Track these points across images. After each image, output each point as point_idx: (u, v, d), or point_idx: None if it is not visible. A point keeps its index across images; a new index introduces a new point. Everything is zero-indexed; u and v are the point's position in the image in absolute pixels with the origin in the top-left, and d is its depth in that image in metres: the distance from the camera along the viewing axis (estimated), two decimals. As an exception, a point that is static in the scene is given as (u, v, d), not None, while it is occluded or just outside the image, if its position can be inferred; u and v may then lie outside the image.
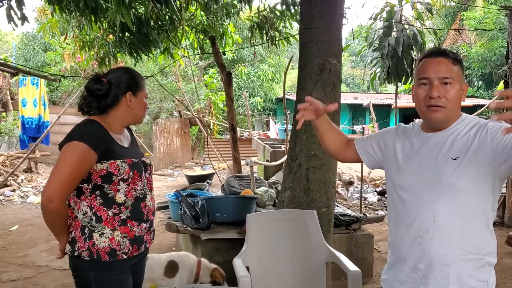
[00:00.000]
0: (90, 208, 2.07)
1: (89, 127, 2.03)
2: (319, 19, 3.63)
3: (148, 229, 2.22)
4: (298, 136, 3.66)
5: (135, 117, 2.23)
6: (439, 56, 1.77)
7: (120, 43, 6.34)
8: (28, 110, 10.47)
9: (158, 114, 18.09)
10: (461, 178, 1.69)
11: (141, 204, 2.17)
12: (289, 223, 3.19)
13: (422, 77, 1.79)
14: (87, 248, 2.04)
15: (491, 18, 19.80)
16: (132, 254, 2.13)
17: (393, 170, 1.92)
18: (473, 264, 1.71)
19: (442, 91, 1.74)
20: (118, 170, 2.06)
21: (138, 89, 2.20)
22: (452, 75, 1.74)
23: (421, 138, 1.86)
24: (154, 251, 5.65)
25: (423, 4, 8.37)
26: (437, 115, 1.75)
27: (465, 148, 1.71)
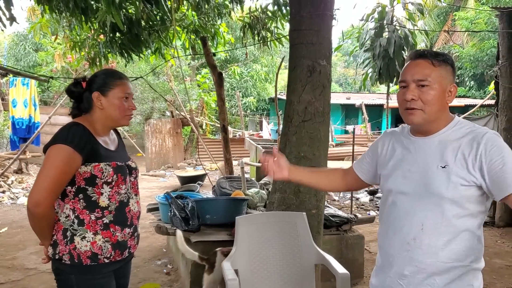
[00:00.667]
0: (73, 211, 2.05)
1: (73, 130, 2.03)
2: (309, 21, 3.62)
3: (132, 234, 2.21)
4: (288, 138, 3.65)
5: (110, 118, 2.17)
6: (418, 58, 1.76)
7: (111, 43, 6.31)
8: (19, 111, 10.38)
9: (150, 115, 18.03)
10: (449, 188, 1.66)
11: (125, 209, 2.16)
12: (279, 225, 3.17)
13: (400, 79, 1.80)
14: (68, 252, 2.03)
15: (482, 19, 19.90)
16: (114, 258, 2.11)
17: (384, 175, 1.92)
18: (459, 271, 1.71)
19: (417, 93, 1.72)
20: (102, 173, 2.05)
21: (108, 89, 2.14)
22: (430, 77, 1.71)
23: (410, 143, 1.84)
24: (145, 253, 5.64)
25: (415, 5, 8.41)
26: (413, 118, 1.74)
27: (456, 157, 1.68)
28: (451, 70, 1.77)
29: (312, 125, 3.58)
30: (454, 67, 1.79)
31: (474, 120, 18.33)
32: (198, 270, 4.06)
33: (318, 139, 3.60)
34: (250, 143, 10.48)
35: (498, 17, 7.58)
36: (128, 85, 2.21)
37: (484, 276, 5.03)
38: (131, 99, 2.23)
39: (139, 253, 5.58)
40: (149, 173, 14.22)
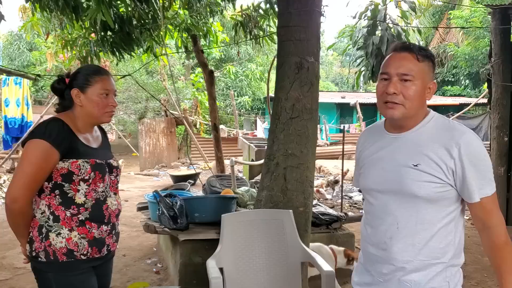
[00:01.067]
0: (48, 207, 2.03)
1: (51, 125, 2.01)
2: (297, 17, 3.59)
3: (110, 232, 2.17)
4: (276, 135, 3.62)
5: (90, 115, 2.13)
6: (403, 51, 1.70)
7: (102, 42, 6.27)
8: (11, 110, 10.35)
9: (144, 114, 17.99)
10: (422, 187, 1.64)
11: (102, 206, 2.12)
12: (265, 223, 3.15)
13: (382, 71, 1.72)
14: (43, 249, 2.00)
15: (477, 17, 19.93)
16: (92, 255, 2.09)
17: (361, 173, 1.89)
18: (437, 268, 1.69)
19: (399, 87, 1.66)
20: (79, 170, 2.02)
21: (87, 86, 2.10)
22: (413, 72, 1.66)
23: (385, 140, 1.81)
24: (135, 252, 5.61)
25: (407, 3, 8.38)
26: (392, 112, 1.69)
27: (428, 156, 1.65)
28: (432, 67, 1.73)
29: (300, 122, 3.55)
30: (434, 64, 1.75)
31: (469, 119, 18.46)
32: (187, 269, 4.04)
33: (306, 136, 3.57)
34: (243, 142, 10.46)
35: (490, 14, 7.58)
36: (109, 81, 2.16)
37: (475, 274, 5.02)
38: (112, 95, 2.17)
39: (129, 252, 5.56)
40: (142, 172, 14.19)
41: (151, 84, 16.86)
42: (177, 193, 4.61)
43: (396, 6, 8.09)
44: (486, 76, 7.69)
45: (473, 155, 1.61)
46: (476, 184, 1.61)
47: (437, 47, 24.13)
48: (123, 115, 18.67)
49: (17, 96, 10.35)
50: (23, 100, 10.37)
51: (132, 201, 8.50)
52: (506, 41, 7.25)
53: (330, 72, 41.27)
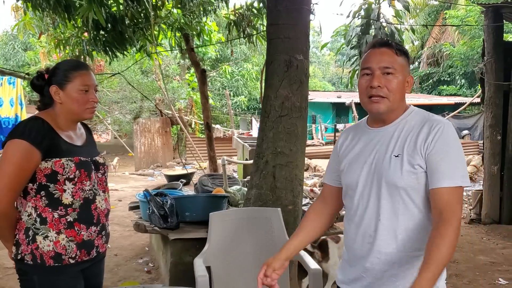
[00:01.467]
0: (34, 209, 1.97)
1: (31, 124, 1.95)
2: (286, 15, 3.59)
3: (99, 233, 2.12)
4: (265, 133, 3.61)
5: (70, 112, 2.06)
6: (382, 47, 1.74)
7: (95, 41, 6.26)
8: (5, 110, 10.26)
9: (139, 114, 17.96)
10: (403, 176, 1.65)
11: (90, 206, 2.07)
12: (253, 221, 3.14)
13: (364, 67, 1.75)
14: (30, 252, 1.95)
15: (473, 17, 19.97)
16: (81, 258, 2.03)
17: (343, 170, 1.89)
18: (420, 261, 1.67)
19: (383, 81, 1.70)
20: (63, 169, 1.96)
21: (66, 82, 2.03)
22: (395, 65, 1.70)
23: (367, 135, 1.84)
24: (127, 251, 5.60)
25: (401, 2, 8.38)
26: (378, 106, 1.72)
27: (408, 145, 1.68)
28: (408, 62, 1.79)
29: (289, 120, 3.55)
30: (409, 59, 1.81)
31: (464, 118, 18.48)
32: (177, 268, 4.03)
33: (295, 134, 3.57)
34: (237, 142, 10.45)
35: (483, 13, 7.59)
36: (89, 76, 2.08)
37: (467, 273, 5.02)
38: (93, 90, 2.10)
39: (121, 251, 5.55)
40: (137, 172, 14.17)
41: (146, 84, 16.81)
42: (168, 192, 4.59)
43: (390, 5, 8.10)
44: (479, 75, 7.69)
45: (446, 142, 1.63)
46: (446, 171, 1.60)
47: (432, 47, 24.18)
48: (119, 115, 18.63)
49: (10, 95, 10.26)
50: (16, 100, 10.28)
51: (126, 201, 8.50)
52: (498, 40, 7.27)
53: (327, 72, 41.29)
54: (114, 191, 10.32)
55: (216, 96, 22.12)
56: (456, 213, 1.60)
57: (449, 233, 1.55)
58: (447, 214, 1.58)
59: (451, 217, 1.57)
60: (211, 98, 18.45)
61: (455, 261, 5.28)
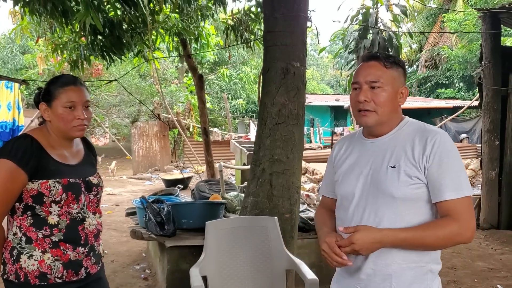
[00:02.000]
0: (19, 228, 1.92)
1: (18, 143, 1.88)
2: (283, 22, 3.59)
3: (87, 254, 2.01)
4: (262, 141, 3.60)
5: (59, 130, 1.98)
6: (370, 60, 1.75)
7: (92, 46, 6.24)
8: (2, 114, 10.23)
9: (137, 117, 17.94)
10: (400, 187, 1.65)
11: (78, 227, 1.98)
12: (249, 230, 3.13)
13: (353, 81, 1.78)
14: (14, 272, 1.89)
15: (471, 20, 20.00)
16: (68, 278, 1.95)
17: (337, 180, 1.89)
18: (415, 273, 1.69)
19: (370, 95, 1.71)
20: (49, 191, 1.89)
21: (51, 99, 1.95)
22: (382, 78, 1.70)
23: (362, 146, 1.84)
24: (124, 258, 5.57)
25: (399, 7, 8.39)
26: (366, 120, 1.73)
27: (405, 156, 1.68)
28: (402, 72, 1.78)
29: (286, 127, 3.54)
30: (405, 70, 1.81)
31: (463, 122, 18.49)
32: (174, 275, 4.01)
33: (292, 141, 3.56)
34: (235, 146, 10.43)
35: (481, 18, 7.59)
36: (75, 92, 1.97)
37: (465, 279, 5.00)
38: (81, 107, 1.97)
39: (118, 258, 5.52)
40: (135, 176, 14.14)
41: (144, 88, 16.80)
42: (165, 198, 4.58)
43: (387, 10, 8.11)
44: (477, 80, 7.69)
45: (445, 154, 1.64)
46: (448, 183, 1.62)
47: (430, 50, 24.21)
48: (117, 119, 18.63)
49: (8, 100, 10.24)
50: (14, 104, 10.26)
51: (123, 206, 8.47)
52: (496, 45, 7.26)
53: (325, 74, 41.32)
54: (111, 196, 10.29)
55: (214, 99, 22.13)
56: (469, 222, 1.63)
57: (451, 228, 1.59)
58: (459, 218, 1.60)
59: (462, 221, 1.60)
60: (209, 101, 18.47)
61: (453, 267, 5.27)
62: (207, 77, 18.11)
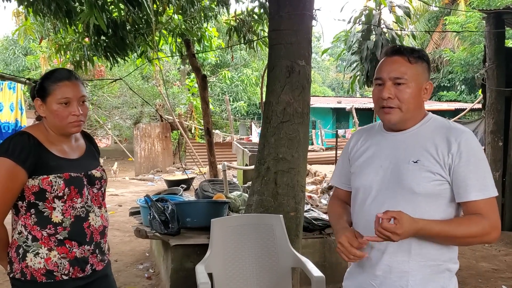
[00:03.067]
0: (24, 227, 1.90)
1: (15, 141, 1.85)
2: (288, 21, 3.59)
3: (93, 252, 1.99)
4: (267, 139, 3.60)
5: (55, 126, 1.94)
6: (394, 55, 1.70)
7: (96, 46, 6.25)
8: (5, 115, 10.27)
9: (140, 119, 17.96)
10: (421, 183, 1.63)
11: (83, 224, 1.95)
12: (255, 228, 3.12)
13: (376, 77, 1.73)
14: (20, 270, 1.87)
15: (473, 23, 19.99)
16: (75, 275, 1.93)
17: (354, 172, 1.86)
18: (432, 271, 1.66)
19: (394, 91, 1.67)
20: (51, 187, 1.86)
21: (45, 95, 1.91)
22: (406, 75, 1.66)
23: (383, 139, 1.80)
24: (127, 257, 5.57)
25: (402, 8, 8.39)
26: (389, 117, 1.69)
27: (428, 152, 1.65)
28: (427, 67, 1.73)
29: (291, 126, 3.54)
30: (429, 64, 1.75)
31: (464, 124, 18.42)
32: (178, 274, 4.01)
33: (297, 140, 3.55)
34: (237, 147, 10.43)
35: (484, 19, 7.59)
36: (70, 88, 1.91)
37: (469, 280, 4.99)
38: (76, 103, 1.93)
39: (121, 257, 5.52)
40: (137, 177, 14.14)
41: (146, 89, 16.82)
42: (169, 197, 4.58)
43: (390, 11, 8.10)
44: (481, 81, 7.69)
45: (472, 153, 1.62)
46: (474, 183, 1.60)
47: (432, 53, 24.19)
48: (119, 120, 18.64)
49: (11, 100, 10.27)
50: (17, 105, 10.29)
51: (126, 206, 8.47)
52: (500, 46, 7.26)
53: (326, 77, 41.35)
54: (114, 196, 10.30)
55: (216, 101, 22.13)
56: (496, 221, 1.62)
57: (483, 226, 1.58)
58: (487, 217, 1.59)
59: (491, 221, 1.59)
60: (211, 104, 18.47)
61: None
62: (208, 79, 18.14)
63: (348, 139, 2.02)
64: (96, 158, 2.17)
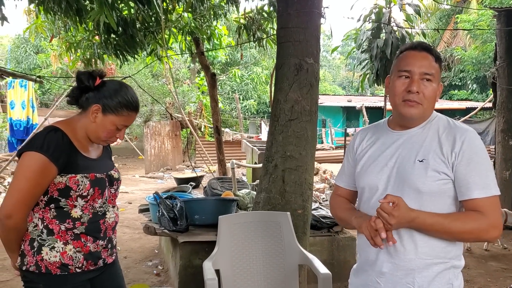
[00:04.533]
0: (41, 220, 1.93)
1: (50, 137, 1.87)
2: (296, 18, 3.58)
3: (106, 246, 2.06)
4: (275, 137, 3.60)
5: (94, 134, 1.99)
6: (423, 51, 1.71)
7: (106, 44, 6.29)
8: (17, 113, 10.38)
9: (150, 117, 18.05)
10: (427, 182, 1.63)
11: (99, 220, 2.02)
12: (262, 225, 3.13)
13: (403, 69, 1.71)
14: (35, 263, 1.90)
15: (485, 21, 19.81)
16: (87, 268, 1.99)
17: (359, 171, 1.86)
18: (439, 268, 1.67)
19: (421, 87, 1.67)
20: (77, 186, 1.90)
21: (110, 110, 1.95)
22: (433, 72, 1.68)
23: (388, 137, 1.81)
24: (136, 254, 5.60)
25: (412, 6, 8.35)
26: (412, 111, 1.69)
27: (434, 151, 1.66)
28: (441, 69, 1.76)
29: (299, 124, 3.54)
30: (442, 66, 1.78)
31: (475, 123, 18.30)
32: (187, 271, 4.03)
33: (305, 138, 3.55)
34: (246, 145, 10.44)
35: (496, 17, 7.53)
36: (133, 117, 2.04)
37: (478, 278, 4.96)
38: (125, 129, 2.06)
39: (131, 254, 5.56)
40: (147, 175, 14.21)
41: (156, 88, 16.88)
42: (177, 195, 4.61)
43: (401, 9, 8.06)
44: (491, 80, 7.63)
45: (475, 152, 1.62)
46: (477, 182, 1.60)
47: (444, 51, 24.02)
48: (129, 118, 18.72)
49: (22, 98, 10.38)
50: (28, 103, 10.40)
51: (136, 203, 8.53)
52: (511, 44, 7.20)
53: (337, 75, 41.24)
54: (124, 194, 10.35)
55: (226, 99, 22.16)
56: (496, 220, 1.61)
57: (480, 223, 1.58)
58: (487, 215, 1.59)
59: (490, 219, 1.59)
60: (220, 102, 18.52)
61: (466, 267, 5.23)
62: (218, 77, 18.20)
63: (352, 138, 2.02)
64: (111, 158, 2.23)
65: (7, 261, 5.24)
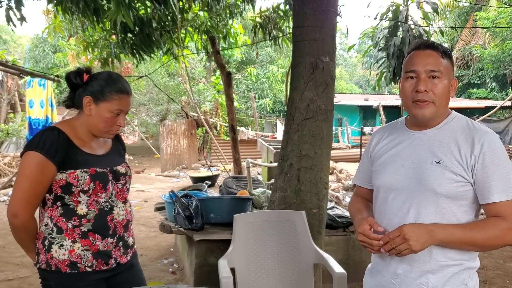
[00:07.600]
0: (50, 219, 1.97)
1: (46, 136, 1.91)
2: (312, 17, 3.57)
3: (116, 245, 2.06)
4: (290, 136, 3.60)
5: (93, 127, 2.01)
6: (427, 49, 1.69)
7: (123, 43, 6.34)
8: (35, 111, 10.50)
9: (166, 116, 18.14)
10: (443, 184, 1.62)
11: (106, 217, 2.02)
12: (277, 224, 3.13)
13: (409, 70, 1.70)
14: (46, 261, 1.95)
15: (504, 18, 19.54)
16: (98, 267, 2.00)
17: (376, 171, 1.85)
18: (454, 269, 1.65)
19: (429, 85, 1.65)
20: (77, 181, 1.93)
21: (101, 99, 1.97)
22: (441, 68, 1.65)
23: (405, 137, 1.79)
24: (152, 252, 5.65)
25: (430, 4, 8.26)
26: (423, 111, 1.67)
27: (451, 153, 1.64)
28: (452, 64, 1.73)
29: (315, 123, 3.53)
30: (453, 61, 1.75)
31: (494, 122, 18.11)
32: (202, 269, 4.04)
33: (321, 137, 3.54)
34: (262, 144, 10.44)
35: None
36: (126, 101, 2.03)
37: (496, 280, 4.92)
38: (124, 115, 2.05)
39: (147, 252, 5.60)
40: (163, 173, 14.29)
41: (172, 86, 16.96)
42: (193, 193, 4.62)
43: (418, 7, 7.98)
44: (511, 78, 7.52)
45: (495, 154, 1.60)
46: (498, 185, 1.58)
47: (462, 49, 23.75)
48: (145, 117, 18.89)
49: (41, 97, 10.50)
50: (47, 101, 10.51)
51: (151, 202, 8.59)
52: (531, 42, 7.09)
53: (354, 74, 41.03)
54: (140, 192, 10.44)
55: (241, 98, 22.18)
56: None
57: (501, 227, 1.56)
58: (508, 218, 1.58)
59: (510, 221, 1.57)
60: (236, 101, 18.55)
61: (484, 268, 5.17)
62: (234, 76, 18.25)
63: (370, 137, 2.01)
64: (122, 155, 2.24)
65: (26, 258, 5.32)
